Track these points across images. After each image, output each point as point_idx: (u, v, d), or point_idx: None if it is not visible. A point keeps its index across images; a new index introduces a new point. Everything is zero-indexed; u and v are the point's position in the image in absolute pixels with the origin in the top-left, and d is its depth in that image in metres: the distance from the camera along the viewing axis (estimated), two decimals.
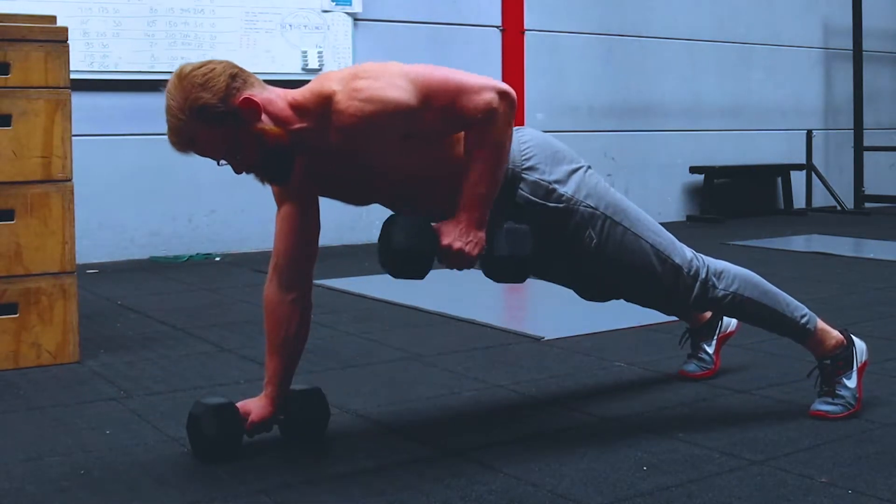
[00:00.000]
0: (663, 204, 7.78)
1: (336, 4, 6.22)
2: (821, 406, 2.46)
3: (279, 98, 2.08)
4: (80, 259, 3.26)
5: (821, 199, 8.39)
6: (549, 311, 4.26)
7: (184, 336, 3.58)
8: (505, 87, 2.07)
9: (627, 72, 7.56)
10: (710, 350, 2.85)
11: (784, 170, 8.28)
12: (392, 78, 2.04)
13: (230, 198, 5.98)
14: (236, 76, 2.04)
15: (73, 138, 3.26)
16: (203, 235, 5.91)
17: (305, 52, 6.10)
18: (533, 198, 2.22)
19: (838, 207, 8.24)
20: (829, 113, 8.78)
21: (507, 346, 3.37)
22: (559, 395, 2.72)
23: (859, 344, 2.51)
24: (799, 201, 8.36)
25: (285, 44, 6.06)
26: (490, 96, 2.03)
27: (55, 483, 2.09)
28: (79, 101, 4.04)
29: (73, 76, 3.31)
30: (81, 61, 5.40)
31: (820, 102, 8.72)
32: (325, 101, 2.02)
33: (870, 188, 8.42)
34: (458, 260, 2.08)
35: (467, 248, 2.07)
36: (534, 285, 4.84)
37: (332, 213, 7.53)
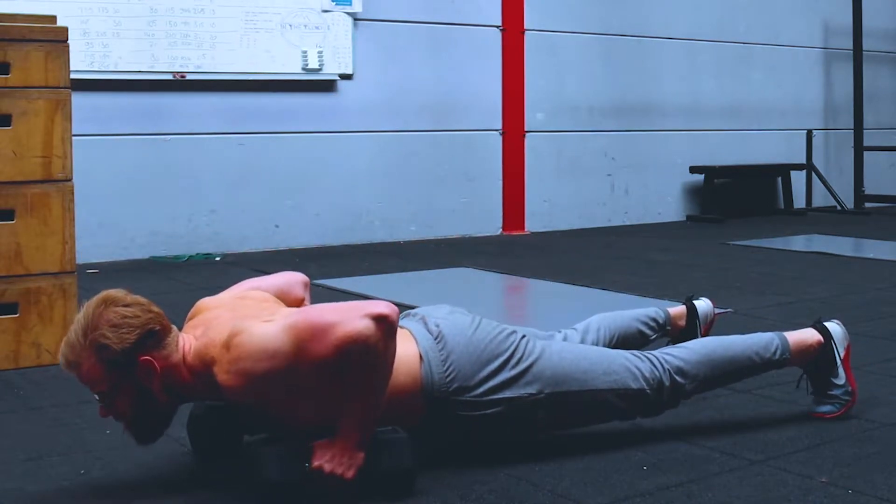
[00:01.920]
0: (663, 204, 7.78)
1: (336, 4, 6.22)
2: (818, 408, 2.47)
3: (182, 363, 2.01)
4: (80, 259, 3.26)
5: (821, 199, 8.39)
6: (550, 310, 4.26)
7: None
8: (381, 310, 1.91)
9: (627, 72, 7.56)
10: None
11: (784, 170, 8.27)
12: (264, 339, 1.92)
13: (230, 198, 5.98)
14: (154, 334, 1.98)
15: (73, 138, 3.26)
16: (203, 235, 5.91)
17: (305, 52, 6.09)
18: (470, 413, 2.13)
19: (838, 207, 8.24)
20: (829, 113, 8.78)
21: None
22: None
23: (836, 332, 2.47)
24: (799, 201, 8.35)
25: (285, 44, 6.05)
26: (362, 325, 1.87)
27: (55, 483, 2.09)
28: (79, 101, 4.03)
29: (73, 76, 3.31)
30: (81, 61, 5.39)
31: (820, 102, 8.72)
32: (207, 369, 1.97)
33: (870, 188, 8.42)
34: (330, 482, 1.92)
35: (340, 471, 1.92)
36: (534, 285, 4.85)
37: (332, 212, 7.52)
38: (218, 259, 5.73)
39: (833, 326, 2.48)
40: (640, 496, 1.97)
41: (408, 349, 2.11)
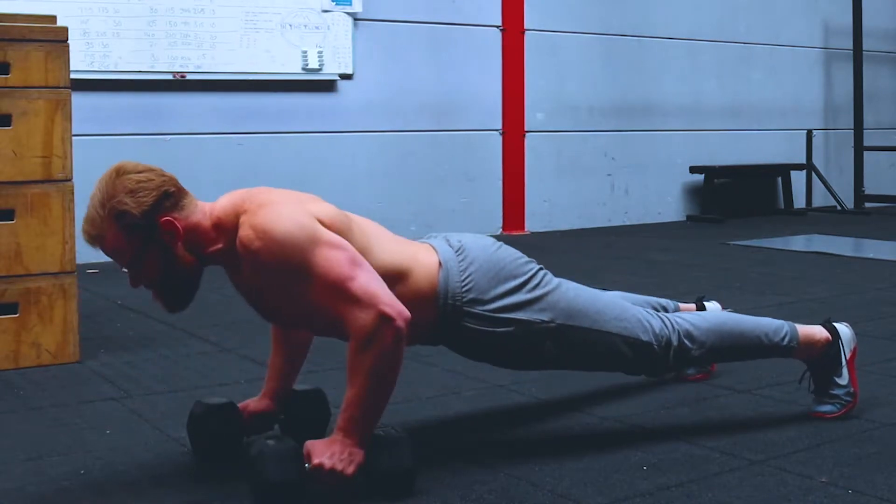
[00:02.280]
0: (663, 204, 7.79)
1: (336, 4, 6.22)
2: (818, 407, 2.47)
3: (205, 218, 2.05)
4: (80, 259, 3.25)
5: (821, 199, 8.39)
6: None
7: (184, 336, 3.58)
8: (393, 310, 1.90)
9: (627, 72, 7.56)
10: None
11: (784, 170, 8.27)
12: (292, 227, 1.93)
13: None
14: (170, 196, 2.02)
15: (74, 138, 3.26)
16: None
17: (305, 52, 6.10)
18: (479, 328, 2.14)
19: (838, 207, 8.24)
20: (829, 113, 8.78)
21: None
22: (559, 395, 2.72)
23: (845, 333, 2.47)
24: (799, 201, 8.36)
25: (285, 44, 6.05)
26: (373, 324, 1.88)
27: (55, 483, 2.09)
28: (79, 101, 4.04)
29: (73, 76, 3.31)
30: (81, 61, 5.39)
31: (820, 102, 8.72)
32: (236, 218, 2.00)
33: (870, 188, 8.42)
34: (330, 479, 1.91)
35: (340, 467, 1.91)
36: None
37: None
38: None
39: (842, 327, 2.49)
40: (640, 496, 1.97)
41: (428, 257, 2.15)
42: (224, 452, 2.21)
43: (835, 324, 2.49)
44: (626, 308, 2.29)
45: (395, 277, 2.05)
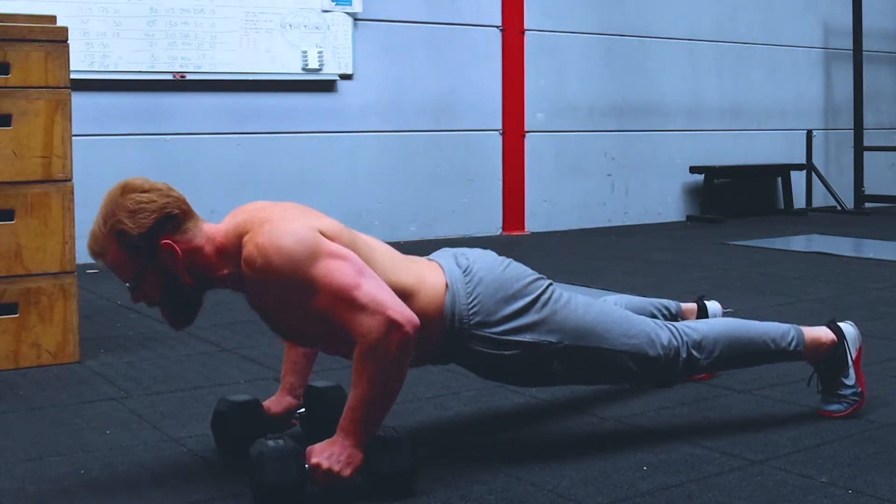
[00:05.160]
0: (663, 204, 7.78)
1: (336, 4, 6.22)
2: (826, 407, 2.47)
3: (208, 243, 2.04)
4: (80, 259, 3.25)
5: (821, 199, 8.39)
6: None
7: (184, 336, 3.58)
8: (402, 317, 1.89)
9: (627, 72, 7.56)
10: None
11: (784, 170, 8.27)
12: (295, 242, 1.92)
13: (230, 198, 5.95)
14: (173, 218, 2.01)
15: (74, 138, 3.26)
16: None
17: (305, 52, 6.09)
18: (487, 351, 2.14)
19: (838, 207, 8.24)
20: (829, 113, 8.78)
21: None
22: (559, 395, 2.72)
23: (850, 332, 2.48)
24: (799, 201, 8.35)
25: (285, 44, 6.05)
26: (380, 330, 1.87)
27: (55, 483, 2.09)
28: (79, 101, 4.03)
29: (73, 76, 3.31)
30: (81, 61, 5.40)
31: (820, 102, 8.72)
32: (239, 240, 2.00)
33: (870, 188, 8.42)
34: (328, 480, 1.92)
35: (337, 468, 1.91)
36: None
37: (332, 212, 7.51)
38: None
39: (847, 327, 2.49)
40: (640, 496, 1.97)
41: (435, 278, 2.13)
42: (247, 449, 2.20)
43: (840, 324, 2.50)
44: (634, 323, 2.28)
45: (400, 297, 2.02)
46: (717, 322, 2.44)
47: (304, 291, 1.92)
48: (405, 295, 2.05)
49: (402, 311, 1.90)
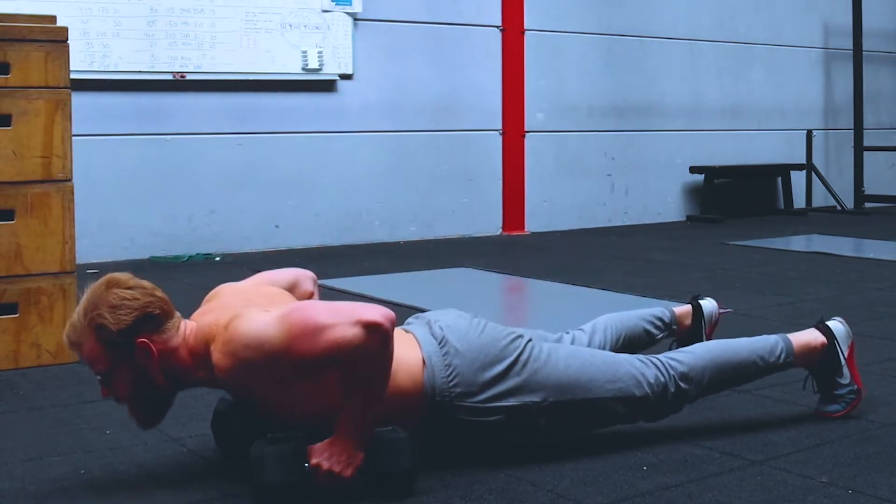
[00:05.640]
0: (663, 204, 7.78)
1: (336, 4, 6.22)
2: (824, 407, 2.47)
3: (184, 345, 2.04)
4: (80, 259, 3.26)
5: (821, 199, 8.39)
6: (550, 310, 4.26)
7: None
8: (374, 318, 1.87)
9: (627, 72, 7.56)
10: None
11: (784, 170, 8.27)
12: (257, 326, 1.93)
13: (230, 198, 5.98)
14: (153, 318, 2.01)
15: (74, 138, 3.26)
16: (203, 235, 5.91)
17: (305, 52, 6.09)
18: (472, 419, 2.12)
19: (838, 207, 8.24)
20: (829, 113, 8.78)
21: None
22: None
23: (839, 330, 2.46)
24: (799, 201, 8.36)
25: (285, 44, 6.05)
26: (352, 332, 1.85)
27: (55, 483, 2.09)
28: (79, 101, 4.03)
29: (73, 76, 3.31)
30: (81, 61, 5.39)
31: (820, 102, 8.72)
32: (206, 347, 2.00)
33: (870, 188, 8.42)
34: (328, 480, 1.93)
35: (338, 469, 1.92)
36: (534, 285, 4.85)
37: (332, 212, 7.51)
38: (218, 259, 5.73)
39: (836, 325, 2.48)
40: (640, 496, 1.97)
41: (411, 353, 2.10)
42: (247, 449, 2.20)
43: (828, 322, 2.48)
44: (619, 366, 2.26)
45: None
46: (703, 349, 2.40)
47: (278, 356, 1.90)
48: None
49: (371, 311, 1.89)
